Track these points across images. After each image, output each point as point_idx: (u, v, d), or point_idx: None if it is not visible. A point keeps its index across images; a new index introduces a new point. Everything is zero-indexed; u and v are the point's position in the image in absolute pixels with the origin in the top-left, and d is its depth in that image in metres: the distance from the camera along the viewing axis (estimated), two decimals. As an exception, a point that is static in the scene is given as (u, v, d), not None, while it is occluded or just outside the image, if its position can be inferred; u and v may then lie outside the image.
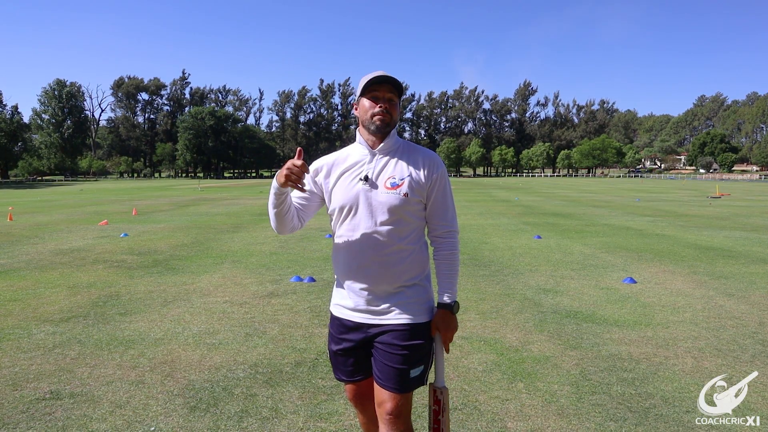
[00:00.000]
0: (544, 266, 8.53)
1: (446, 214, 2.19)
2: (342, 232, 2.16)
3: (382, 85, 2.10)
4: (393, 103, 2.13)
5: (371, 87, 2.10)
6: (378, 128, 2.11)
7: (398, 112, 2.17)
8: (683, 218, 17.16)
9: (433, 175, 2.14)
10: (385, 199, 2.08)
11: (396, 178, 2.11)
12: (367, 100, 2.12)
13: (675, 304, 6.12)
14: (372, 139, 2.16)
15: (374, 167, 2.13)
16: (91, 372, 4.06)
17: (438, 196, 2.16)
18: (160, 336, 4.95)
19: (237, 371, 4.08)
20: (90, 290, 6.86)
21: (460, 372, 4.07)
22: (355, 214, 2.11)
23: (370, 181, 2.10)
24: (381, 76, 2.09)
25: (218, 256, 9.62)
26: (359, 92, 2.14)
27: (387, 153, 2.16)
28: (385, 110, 2.10)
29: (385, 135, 2.15)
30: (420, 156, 2.17)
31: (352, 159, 2.18)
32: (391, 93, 2.11)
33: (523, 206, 23.26)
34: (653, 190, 41.84)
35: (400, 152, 2.18)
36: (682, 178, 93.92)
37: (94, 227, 14.55)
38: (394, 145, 2.18)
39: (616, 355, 4.43)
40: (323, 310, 5.81)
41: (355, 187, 2.12)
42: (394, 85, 2.10)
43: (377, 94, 2.11)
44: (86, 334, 4.99)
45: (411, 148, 2.21)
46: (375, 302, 2.12)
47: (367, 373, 2.24)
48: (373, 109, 2.10)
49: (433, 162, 2.17)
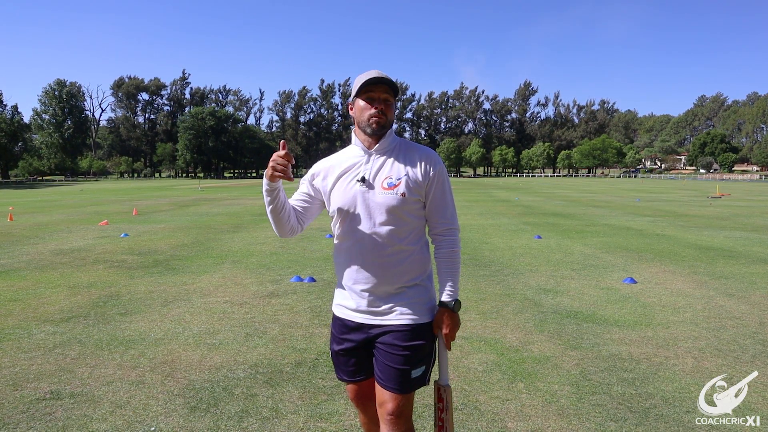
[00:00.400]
0: (544, 266, 8.53)
1: (445, 211, 2.17)
2: (342, 234, 2.16)
3: (377, 86, 2.08)
4: (388, 104, 2.11)
5: (366, 88, 2.09)
6: (374, 130, 2.10)
7: (394, 112, 2.16)
8: (683, 218, 17.16)
9: (431, 173, 2.13)
10: (382, 200, 2.07)
11: (393, 178, 2.10)
12: (363, 101, 2.11)
13: (675, 304, 6.12)
14: (368, 140, 2.15)
15: (371, 168, 2.12)
16: (91, 372, 4.06)
17: (436, 193, 2.15)
18: (161, 336, 4.95)
19: (237, 371, 4.08)
20: (90, 290, 6.86)
21: (461, 372, 4.07)
22: (354, 216, 2.11)
23: (366, 182, 2.10)
24: (376, 77, 2.07)
25: (218, 256, 9.62)
26: (354, 93, 2.13)
27: (383, 153, 2.15)
28: (381, 111, 2.09)
29: (381, 136, 2.14)
30: (417, 154, 2.16)
31: (349, 161, 2.18)
32: (386, 93, 2.10)
33: (523, 206, 23.26)
34: (653, 190, 41.83)
35: (397, 151, 2.17)
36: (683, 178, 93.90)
37: (95, 227, 14.55)
38: (390, 145, 2.17)
39: (617, 355, 4.43)
40: (323, 310, 5.81)
41: (353, 189, 2.11)
42: (389, 85, 2.09)
43: (372, 95, 2.09)
44: (86, 334, 4.99)
45: (408, 146, 2.20)
46: (376, 303, 2.12)
47: (368, 373, 2.24)
48: (369, 111, 2.09)
49: (430, 160, 2.15)
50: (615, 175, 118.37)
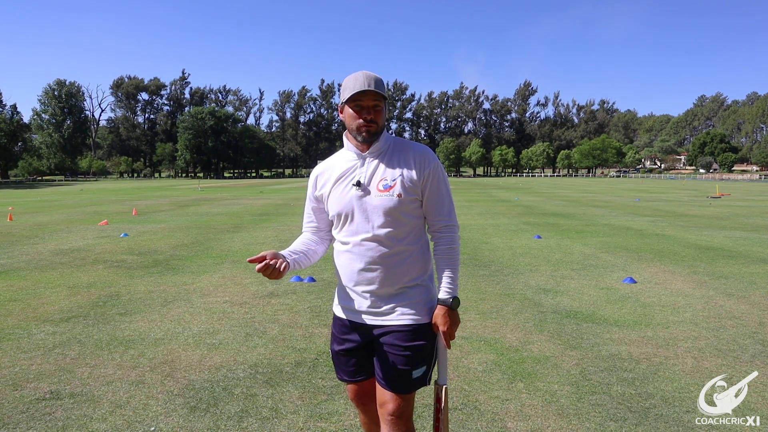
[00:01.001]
0: (544, 266, 8.53)
1: (442, 208, 2.16)
2: (341, 237, 2.16)
3: (365, 94, 2.05)
4: (378, 110, 2.09)
5: (355, 95, 2.06)
6: (365, 139, 2.09)
7: (385, 115, 2.14)
8: (683, 218, 17.16)
9: (425, 170, 2.11)
10: (379, 203, 2.07)
11: (388, 179, 2.09)
12: (351, 109, 2.09)
13: (675, 304, 6.12)
14: (361, 145, 2.14)
15: (365, 171, 2.12)
16: (91, 372, 4.06)
17: (432, 190, 2.13)
18: (160, 336, 4.95)
19: (237, 371, 4.08)
20: (90, 290, 6.86)
21: (460, 372, 4.07)
22: (352, 220, 2.11)
23: (362, 185, 2.09)
24: (363, 88, 2.03)
25: (218, 256, 9.62)
26: (342, 99, 2.10)
27: (377, 155, 2.14)
28: (372, 120, 2.07)
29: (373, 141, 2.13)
30: (411, 153, 2.15)
31: (344, 165, 2.17)
32: (375, 100, 2.07)
33: (523, 206, 23.26)
34: (653, 190, 41.84)
35: (390, 152, 2.15)
36: (682, 178, 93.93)
37: (94, 227, 14.55)
38: (384, 146, 2.16)
39: (616, 355, 4.43)
40: (323, 310, 5.81)
41: (349, 193, 2.11)
42: (377, 91, 2.05)
43: (361, 104, 2.06)
44: (86, 334, 4.99)
45: (402, 145, 2.18)
46: (377, 303, 2.12)
47: (368, 374, 2.25)
48: (358, 121, 2.07)
49: (424, 157, 2.14)
50: (613, 174, 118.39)
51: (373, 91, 2.05)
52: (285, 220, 16.62)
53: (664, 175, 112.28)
